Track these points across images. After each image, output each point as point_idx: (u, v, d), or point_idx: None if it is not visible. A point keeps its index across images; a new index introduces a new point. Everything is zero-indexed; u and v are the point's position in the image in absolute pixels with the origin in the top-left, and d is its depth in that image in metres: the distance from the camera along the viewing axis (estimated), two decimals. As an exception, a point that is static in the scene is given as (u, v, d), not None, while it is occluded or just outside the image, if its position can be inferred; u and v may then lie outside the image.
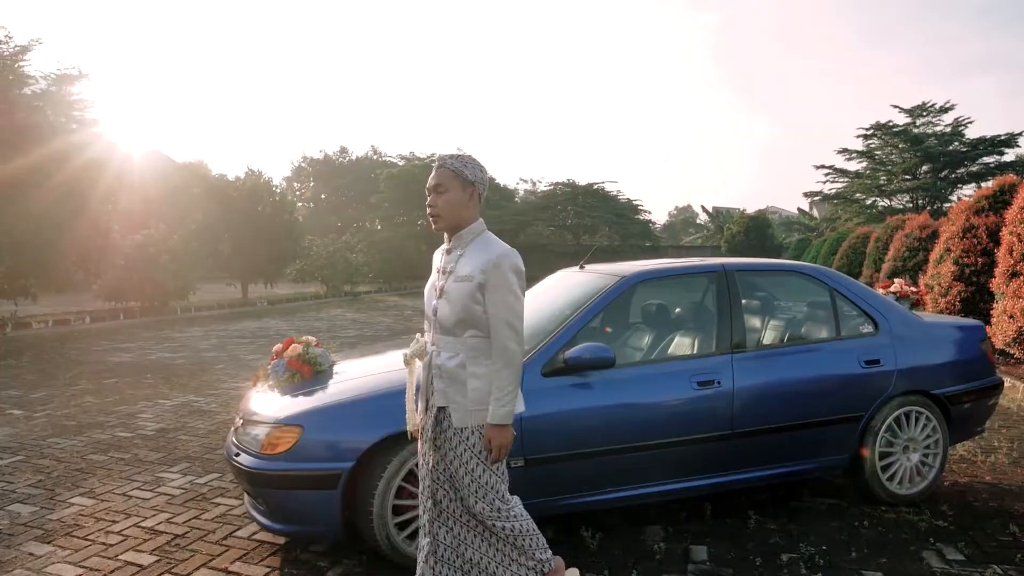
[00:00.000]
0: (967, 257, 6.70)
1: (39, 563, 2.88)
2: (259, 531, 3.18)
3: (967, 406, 3.47)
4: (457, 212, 2.16)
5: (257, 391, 3.41)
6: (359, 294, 20.97)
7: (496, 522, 2.15)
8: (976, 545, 2.90)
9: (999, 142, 21.89)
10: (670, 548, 2.94)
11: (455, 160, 2.17)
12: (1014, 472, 3.82)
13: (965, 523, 3.14)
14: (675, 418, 3.03)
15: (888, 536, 3.02)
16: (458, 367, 2.14)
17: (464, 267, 2.13)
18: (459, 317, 2.12)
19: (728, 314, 3.23)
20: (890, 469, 3.34)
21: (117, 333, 11.14)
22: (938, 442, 3.39)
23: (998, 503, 3.37)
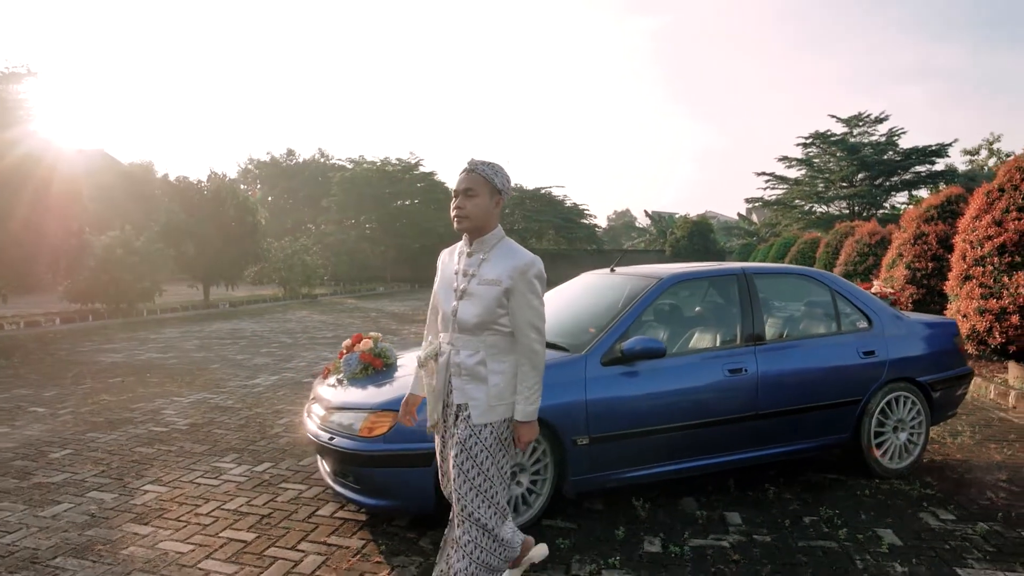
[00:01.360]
0: (918, 262, 7.53)
1: (148, 541, 3.08)
2: (339, 510, 3.46)
3: (945, 392, 4.09)
4: (483, 217, 2.22)
5: (328, 383, 3.70)
6: (316, 296, 20.84)
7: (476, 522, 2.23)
8: (962, 508, 3.49)
9: (930, 152, 23.70)
10: (709, 514, 3.40)
11: (487, 167, 2.23)
12: (979, 450, 4.48)
13: (949, 491, 3.73)
14: (711, 401, 3.50)
15: (888, 502, 3.58)
16: (478, 364, 2.21)
17: (490, 271, 2.21)
18: (481, 318, 2.19)
19: (750, 311, 3.74)
20: (883, 446, 3.91)
21: (93, 334, 10.89)
22: (921, 423, 4.00)
23: (972, 476, 3.99)
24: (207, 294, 16.81)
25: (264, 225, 17.20)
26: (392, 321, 13.80)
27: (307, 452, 4.47)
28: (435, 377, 2.31)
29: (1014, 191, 5.70)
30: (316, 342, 10.18)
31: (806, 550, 3.00)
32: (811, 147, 26.26)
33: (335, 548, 3.02)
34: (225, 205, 15.74)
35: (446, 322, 2.30)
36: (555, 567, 2.83)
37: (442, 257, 2.43)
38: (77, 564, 2.86)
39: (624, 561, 2.89)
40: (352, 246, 24.49)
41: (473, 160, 2.25)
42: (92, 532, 3.19)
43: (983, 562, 2.89)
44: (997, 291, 5.64)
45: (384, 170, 30.94)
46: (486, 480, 2.22)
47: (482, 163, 2.24)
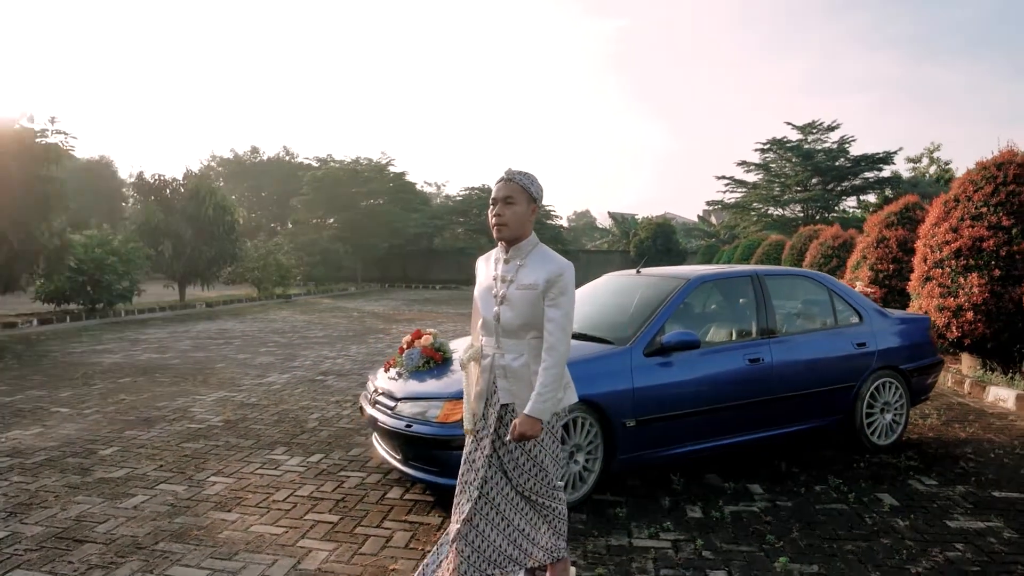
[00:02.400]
0: (880, 264, 8.30)
1: (238, 526, 3.35)
2: (406, 492, 3.80)
3: (921, 378, 4.72)
4: (521, 224, 2.32)
5: (389, 376, 4.05)
6: (290, 296, 20.76)
7: (544, 500, 2.37)
8: (942, 475, 4.09)
9: (877, 159, 25.27)
10: (735, 486, 3.90)
11: (523, 176, 2.33)
12: (947, 430, 5.15)
13: (928, 462, 4.34)
14: (735, 387, 3.99)
15: (880, 472, 4.16)
16: (523, 367, 2.32)
17: (527, 277, 2.31)
18: (524, 321, 2.30)
19: (763, 308, 4.26)
20: (872, 425, 4.50)
21: (77, 335, 10.76)
22: (903, 405, 4.61)
23: (944, 450, 4.62)
24: (183, 294, 16.61)
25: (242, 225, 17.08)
26: (377, 320, 14.01)
27: (354, 443, 4.78)
28: (479, 379, 2.41)
29: (967, 202, 6.44)
30: (311, 342, 10.35)
31: (823, 512, 3.53)
32: (768, 152, 27.55)
33: (418, 525, 3.37)
34: (204, 204, 15.59)
35: (488, 326, 2.40)
36: (618, 532, 3.27)
37: (479, 263, 2.54)
38: (181, 548, 3.08)
39: (675, 525, 3.35)
40: (325, 246, 24.38)
41: (510, 170, 2.34)
42: (181, 520, 3.41)
43: (965, 515, 3.47)
44: (954, 291, 6.38)
45: (355, 170, 30.81)
46: (541, 470, 2.35)
47: (519, 173, 2.34)
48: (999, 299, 6.06)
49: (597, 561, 2.96)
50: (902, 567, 2.92)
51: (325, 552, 3.05)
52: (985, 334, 6.21)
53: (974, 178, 6.46)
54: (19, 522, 3.34)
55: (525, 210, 2.32)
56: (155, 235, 15.41)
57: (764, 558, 3.01)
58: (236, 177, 37.69)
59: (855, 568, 2.91)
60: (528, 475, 2.34)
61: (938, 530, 3.31)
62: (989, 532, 3.28)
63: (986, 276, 6.09)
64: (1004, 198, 6.14)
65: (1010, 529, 3.32)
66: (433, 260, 33.38)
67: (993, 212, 6.15)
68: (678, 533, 3.26)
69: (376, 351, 9.41)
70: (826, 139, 26.60)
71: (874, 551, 3.08)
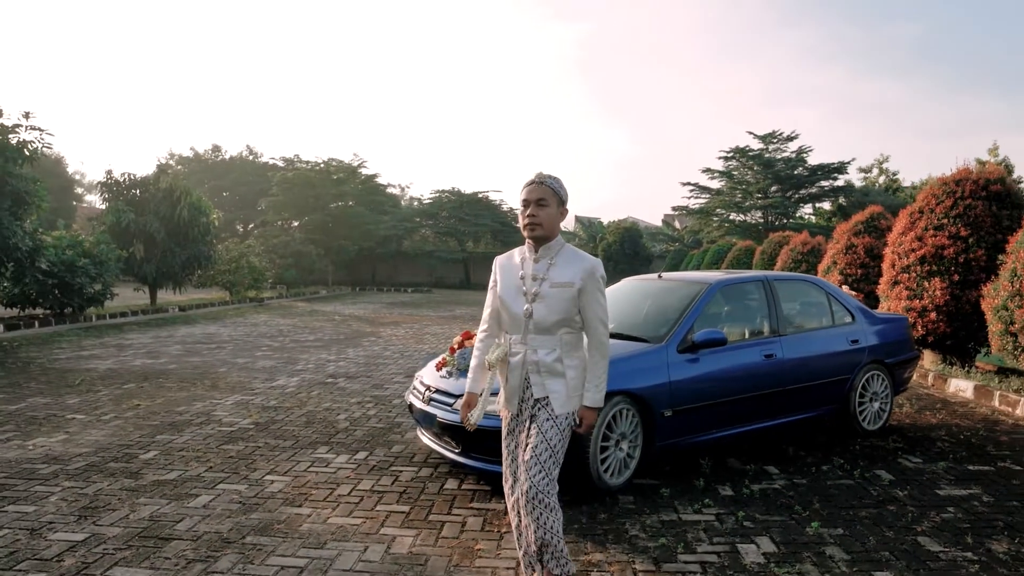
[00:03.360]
0: (849, 268, 9.02)
1: (316, 519, 3.58)
2: (462, 483, 4.09)
3: (902, 371, 5.30)
4: (552, 225, 2.44)
5: (441, 375, 4.35)
6: (263, 300, 20.57)
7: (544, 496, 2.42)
8: (925, 454, 4.66)
9: (832, 169, 26.79)
10: (754, 468, 4.36)
11: (554, 180, 2.46)
12: (920, 417, 5.77)
13: (911, 444, 4.92)
14: (753, 379, 4.46)
15: (873, 453, 4.70)
16: (556, 361, 2.42)
17: (560, 275, 2.42)
18: (558, 317, 2.41)
19: (774, 309, 4.76)
20: (863, 413, 5.05)
21: (53, 341, 10.52)
22: (888, 395, 5.18)
23: (922, 434, 5.22)
24: (154, 298, 16.28)
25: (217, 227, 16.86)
26: (363, 324, 14.12)
27: (392, 441, 5.03)
28: (511, 375, 2.49)
29: (931, 213, 7.16)
30: (304, 346, 10.45)
31: (835, 486, 4.03)
32: (731, 160, 28.77)
33: (486, 511, 3.68)
34: (179, 205, 15.35)
35: (517, 323, 2.47)
36: (666, 509, 3.67)
37: (500, 263, 2.62)
38: (269, 541, 3.27)
39: (713, 502, 3.77)
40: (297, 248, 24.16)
41: (541, 173, 2.47)
42: (256, 516, 3.58)
43: (950, 485, 4.03)
44: (919, 293, 7.08)
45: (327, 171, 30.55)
46: (553, 460, 2.44)
47: (549, 176, 2.46)
48: (958, 301, 6.78)
49: (656, 533, 3.35)
50: (909, 527, 3.43)
51: (409, 538, 3.33)
52: (946, 332, 6.92)
53: (936, 192, 7.18)
54: (93, 524, 3.43)
55: (556, 212, 2.45)
56: (125, 236, 15.07)
57: (796, 525, 3.46)
58: (197, 176, 36.82)
59: (872, 530, 3.40)
60: (542, 467, 2.42)
61: (931, 498, 3.84)
62: (972, 498, 3.84)
63: (947, 281, 6.80)
64: (962, 211, 6.87)
65: (987, 494, 3.89)
66: (402, 263, 33.40)
67: (953, 223, 6.87)
68: (718, 508, 3.69)
69: (374, 354, 9.60)
70: (785, 148, 28.01)
71: (884, 516, 3.57)
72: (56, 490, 3.92)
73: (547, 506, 2.44)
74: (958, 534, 3.35)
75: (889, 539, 3.30)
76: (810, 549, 3.19)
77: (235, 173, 36.96)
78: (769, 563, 3.05)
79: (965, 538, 3.30)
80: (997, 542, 3.27)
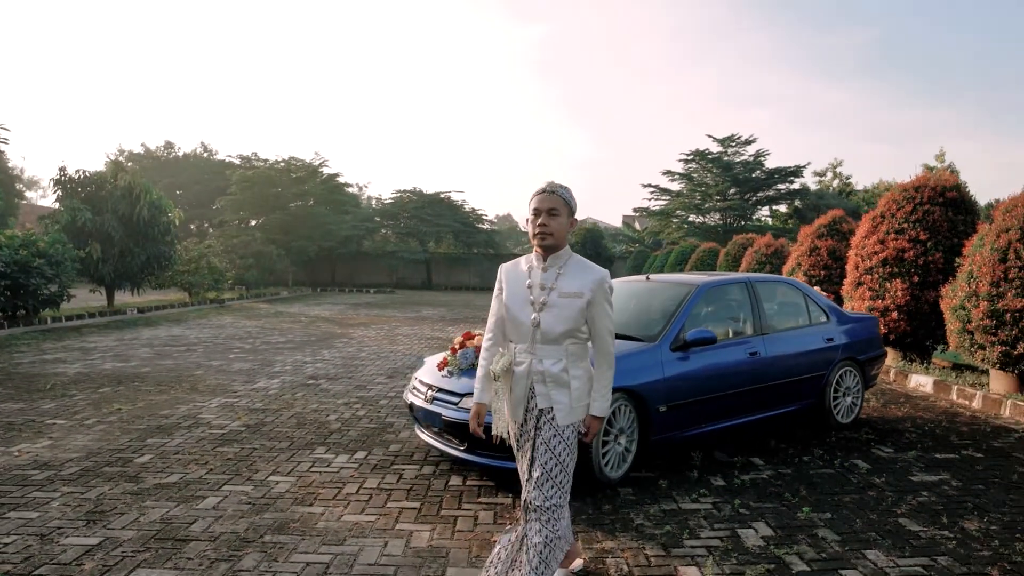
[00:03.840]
0: (813, 270, 9.47)
1: (330, 516, 3.63)
2: (467, 480, 4.19)
3: (872, 367, 5.65)
4: (562, 235, 2.44)
5: (442, 375, 4.44)
6: (223, 301, 20.09)
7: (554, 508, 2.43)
8: (895, 444, 5.00)
9: (789, 172, 27.79)
10: (741, 460, 4.61)
11: (565, 190, 2.45)
12: (886, 411, 6.16)
13: (882, 435, 5.26)
14: (740, 376, 4.70)
15: (848, 444, 5.01)
16: (561, 372, 2.40)
17: (568, 285, 2.41)
18: (566, 327, 2.39)
19: (757, 309, 5.02)
20: (837, 407, 5.37)
21: (10, 344, 10.09)
22: (859, 390, 5.52)
23: (890, 426, 5.58)
24: (111, 300, 15.73)
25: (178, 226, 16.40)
26: (331, 325, 13.98)
27: (388, 441, 5.09)
28: (515, 385, 2.47)
29: (892, 218, 7.62)
30: (277, 348, 10.31)
31: (818, 475, 4.30)
32: (691, 163, 29.51)
33: (495, 505, 3.80)
34: (139, 203, 14.87)
35: (523, 333, 2.45)
36: (665, 500, 3.86)
37: (506, 271, 2.59)
38: (288, 539, 3.31)
39: (709, 492, 3.98)
40: (258, 248, 23.63)
41: (552, 183, 2.45)
42: (269, 515, 3.61)
43: (921, 472, 4.36)
44: (881, 294, 7.52)
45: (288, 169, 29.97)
46: (564, 474, 2.44)
47: (560, 186, 2.44)
48: (917, 301, 7.25)
49: (660, 522, 3.54)
50: (890, 510, 3.71)
51: (426, 532, 3.42)
52: (906, 331, 7.38)
53: (897, 198, 7.65)
54: (104, 528, 3.41)
55: (566, 221, 2.43)
56: (82, 236, 14.53)
57: (788, 511, 3.70)
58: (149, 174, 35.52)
59: (857, 513, 3.66)
60: (552, 480, 2.42)
61: (905, 484, 4.14)
62: (942, 483, 4.16)
63: (907, 282, 7.26)
64: (921, 216, 7.34)
65: (955, 480, 4.22)
66: (363, 263, 33.06)
67: (912, 227, 7.34)
68: (713, 497, 3.90)
69: (350, 355, 9.57)
70: (743, 152, 28.90)
71: (866, 501, 3.85)
72: (56, 496, 3.86)
73: (560, 517, 2.46)
74: (934, 515, 3.65)
75: (873, 521, 3.57)
76: (804, 532, 3.43)
77: (189, 171, 35.90)
78: (769, 545, 3.27)
79: (941, 518, 3.60)
80: (969, 521, 3.58)
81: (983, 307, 5.85)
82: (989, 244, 5.94)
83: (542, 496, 2.42)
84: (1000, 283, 5.77)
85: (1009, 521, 3.58)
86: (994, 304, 5.79)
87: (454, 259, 33.79)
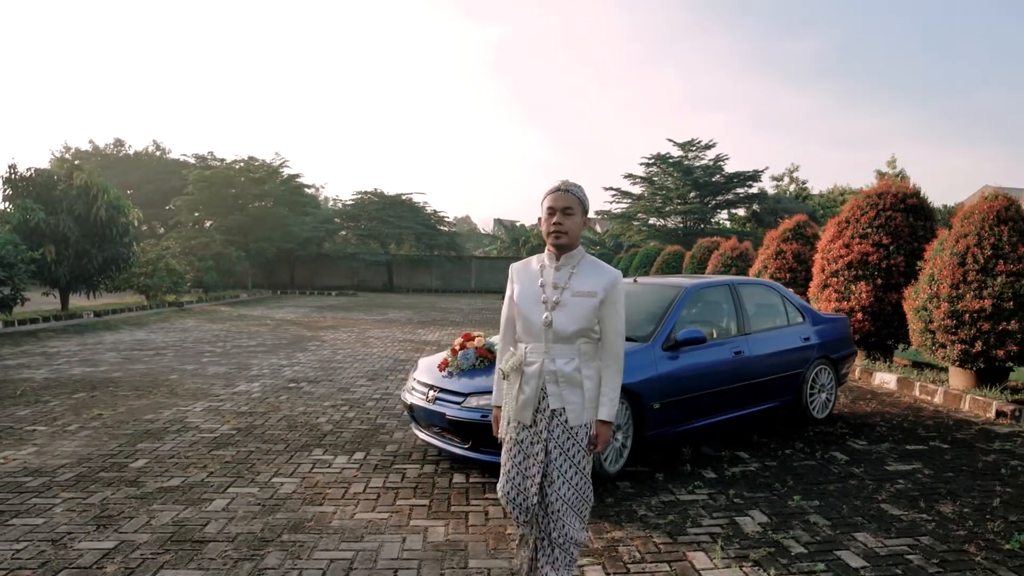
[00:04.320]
0: (779, 273, 9.90)
1: (342, 515, 3.67)
2: (469, 477, 4.29)
3: (844, 365, 6.00)
4: (577, 234, 2.42)
5: (443, 375, 4.53)
6: (183, 304, 19.53)
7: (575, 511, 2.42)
8: (868, 437, 5.33)
9: (748, 177, 28.67)
10: (728, 454, 4.84)
11: (579, 189, 2.42)
12: (855, 407, 6.53)
13: (855, 429, 5.59)
14: (727, 373, 4.94)
15: (825, 438, 5.32)
16: (574, 371, 2.37)
17: (582, 284, 2.39)
18: (579, 327, 2.37)
19: (741, 310, 5.28)
20: (813, 403, 5.68)
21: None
22: (833, 387, 5.85)
23: (862, 421, 5.93)
24: (66, 303, 15.13)
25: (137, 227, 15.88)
26: (300, 328, 13.80)
27: (384, 442, 5.14)
28: (526, 385, 2.42)
29: (856, 223, 8.06)
30: (249, 351, 10.15)
31: (802, 467, 4.56)
32: (652, 167, 30.13)
33: (503, 499, 3.92)
34: (96, 204, 14.35)
35: (536, 332, 2.42)
36: (663, 492, 4.05)
37: (517, 271, 2.57)
38: (307, 538, 3.34)
39: (703, 484, 4.19)
40: (218, 250, 23.00)
41: (566, 181, 2.42)
42: (282, 516, 3.63)
43: (896, 462, 4.68)
44: (847, 296, 7.95)
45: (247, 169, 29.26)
46: (582, 477, 2.42)
47: (574, 185, 2.42)
48: (881, 303, 7.69)
49: (662, 512, 3.72)
50: (871, 497, 3.99)
51: (441, 527, 3.51)
52: (871, 331, 7.82)
53: (861, 204, 8.10)
54: (116, 532, 3.38)
55: (580, 220, 2.42)
56: (35, 236, 13.94)
57: (779, 500, 3.93)
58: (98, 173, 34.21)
59: (842, 500, 3.92)
60: (570, 484, 2.40)
61: (882, 473, 4.45)
62: (915, 471, 4.48)
63: (871, 284, 7.70)
64: (884, 221, 7.80)
65: (927, 468, 4.55)
66: (323, 265, 32.54)
67: (876, 232, 7.79)
68: (708, 489, 4.11)
69: (326, 359, 9.50)
70: (703, 156, 29.64)
71: (848, 489, 4.12)
72: (56, 502, 3.79)
73: (578, 512, 2.45)
74: (912, 500, 3.94)
75: (858, 507, 3.83)
76: (796, 518, 3.66)
77: (141, 170, 34.68)
78: (767, 531, 3.48)
79: (918, 503, 3.89)
80: (944, 505, 3.88)
81: (944, 308, 6.28)
82: (949, 248, 6.39)
83: (560, 498, 2.39)
84: (959, 285, 6.21)
85: (979, 504, 3.90)
86: (954, 305, 6.22)
87: (416, 261, 33.58)
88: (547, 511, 2.43)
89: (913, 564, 3.12)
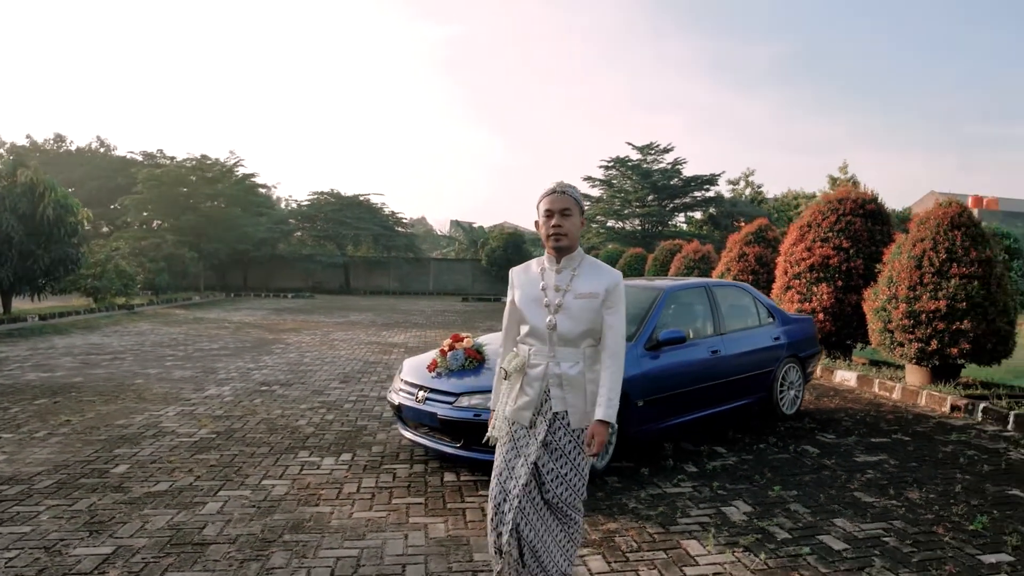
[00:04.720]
0: (742, 275, 10.27)
1: (340, 515, 3.68)
2: (460, 475, 4.35)
3: (811, 363, 6.31)
4: (575, 235, 2.41)
5: (432, 376, 4.58)
6: (133, 307, 18.83)
7: (570, 511, 2.42)
8: (835, 432, 5.63)
9: (705, 180, 29.43)
10: (707, 449, 5.04)
11: (574, 190, 2.43)
12: (821, 403, 6.87)
13: (822, 424, 5.89)
14: (705, 372, 5.14)
15: (796, 433, 5.59)
16: (579, 375, 2.37)
17: (583, 286, 2.38)
18: (583, 329, 2.37)
19: (717, 312, 5.50)
20: (782, 400, 5.95)
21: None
22: (801, 384, 6.14)
23: (828, 416, 6.25)
24: (7, 306, 14.39)
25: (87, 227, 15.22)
26: (261, 331, 13.52)
27: (368, 443, 5.13)
28: (528, 387, 2.41)
29: (818, 227, 8.46)
30: (212, 355, 9.90)
31: (777, 460, 4.80)
32: (611, 169, 30.61)
33: (498, 496, 3.99)
34: (43, 202, 13.72)
35: (539, 335, 2.41)
36: (650, 485, 4.20)
37: (517, 275, 2.55)
38: (309, 537, 3.34)
39: (687, 477, 4.37)
40: (170, 251, 22.21)
41: (562, 183, 2.42)
42: (279, 517, 3.61)
43: (864, 454, 4.97)
44: (808, 297, 8.33)
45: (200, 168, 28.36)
46: (580, 479, 2.42)
47: (570, 186, 2.42)
48: (841, 304, 8.09)
49: (652, 504, 3.87)
50: (844, 486, 4.24)
51: (440, 524, 3.57)
52: (832, 331, 8.21)
53: (822, 209, 8.51)
54: (111, 537, 3.30)
55: (578, 221, 2.41)
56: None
57: (760, 490, 4.14)
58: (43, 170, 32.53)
59: (818, 490, 4.16)
60: (566, 485, 2.39)
61: (852, 464, 4.72)
62: (882, 462, 4.77)
63: (832, 286, 8.09)
64: (844, 226, 8.22)
65: (892, 459, 4.85)
66: (277, 267, 31.81)
67: (836, 236, 8.19)
68: (692, 482, 4.29)
69: (294, 361, 9.36)
70: (662, 160, 30.28)
71: (822, 479, 4.37)
72: (41, 509, 3.67)
73: (575, 510, 2.44)
74: (882, 488, 4.21)
75: (833, 495, 4.07)
76: (778, 507, 3.87)
77: (85, 167, 33.14)
78: (752, 519, 3.67)
79: (888, 491, 4.16)
80: (911, 492, 4.16)
81: (902, 309, 6.68)
82: (906, 252, 6.79)
83: (556, 497, 2.40)
84: (916, 287, 6.61)
85: (943, 490, 4.20)
86: (912, 306, 6.62)
87: (373, 263, 33.16)
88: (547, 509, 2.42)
89: (889, 545, 3.35)
